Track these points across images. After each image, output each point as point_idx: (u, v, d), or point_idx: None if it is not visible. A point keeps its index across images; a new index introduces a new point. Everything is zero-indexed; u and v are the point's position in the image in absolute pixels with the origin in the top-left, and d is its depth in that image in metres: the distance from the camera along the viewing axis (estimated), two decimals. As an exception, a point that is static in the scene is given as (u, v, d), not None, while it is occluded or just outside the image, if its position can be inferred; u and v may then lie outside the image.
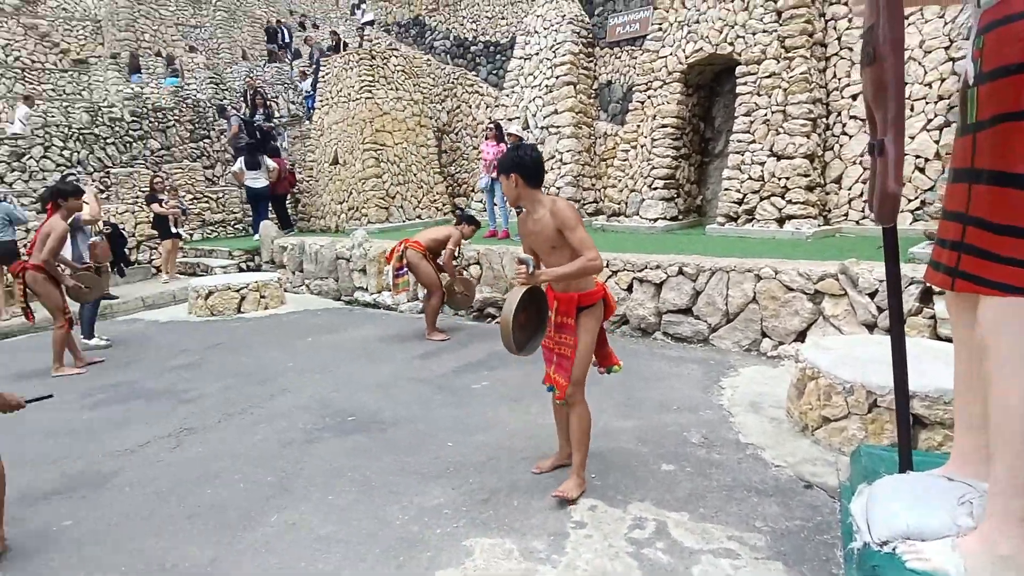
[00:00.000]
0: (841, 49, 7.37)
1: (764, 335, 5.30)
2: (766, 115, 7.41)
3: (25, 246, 7.81)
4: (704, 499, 2.98)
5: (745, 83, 7.66)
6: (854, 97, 7.16)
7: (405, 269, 6.32)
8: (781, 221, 7.21)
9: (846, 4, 7.26)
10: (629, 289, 6.13)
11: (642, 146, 8.99)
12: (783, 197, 7.20)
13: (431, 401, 4.58)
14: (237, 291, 8.36)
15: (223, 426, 4.30)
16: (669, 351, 5.54)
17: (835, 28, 7.42)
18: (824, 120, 7.37)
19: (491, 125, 9.52)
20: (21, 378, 5.72)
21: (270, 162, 11.55)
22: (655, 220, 8.61)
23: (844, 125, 7.30)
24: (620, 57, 10.40)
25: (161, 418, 4.52)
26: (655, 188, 8.70)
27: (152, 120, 14.56)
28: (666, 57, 8.76)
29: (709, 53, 8.15)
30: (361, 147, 11.24)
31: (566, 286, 2.99)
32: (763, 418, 3.91)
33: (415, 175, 11.78)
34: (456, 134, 13.08)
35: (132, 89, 17.13)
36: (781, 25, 7.37)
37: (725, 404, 4.18)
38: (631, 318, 6.08)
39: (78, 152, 13.27)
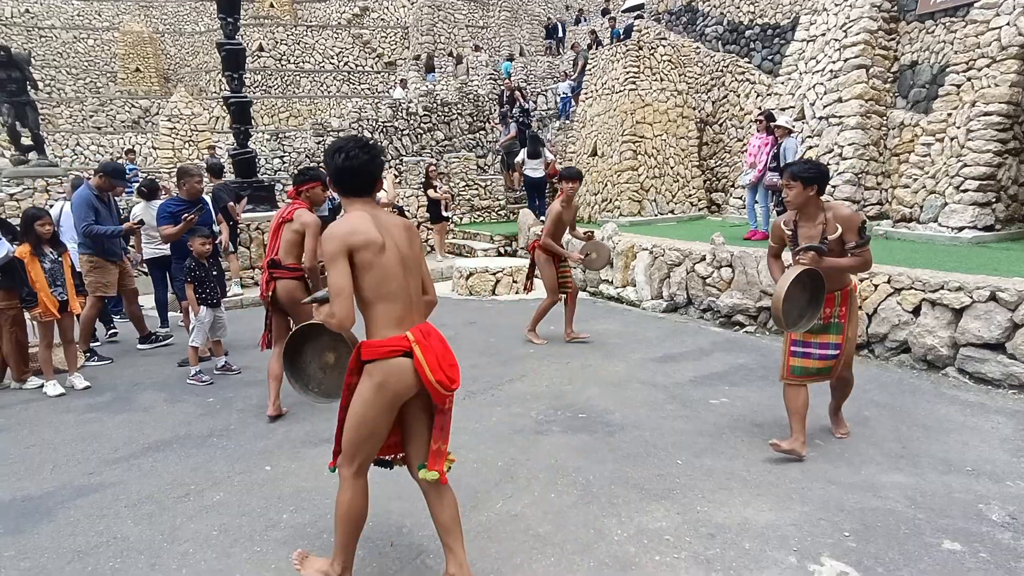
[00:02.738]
0: None
1: (1116, 392, 4.05)
2: None
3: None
4: (1000, 599, 2.36)
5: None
6: None
7: None
8: None
9: None
10: (916, 312, 5.15)
11: (952, 138, 7.48)
12: None
13: (662, 410, 4.38)
14: (493, 274, 8.98)
15: (467, 403, 4.63)
16: (964, 394, 4.53)
17: None
18: None
19: (760, 116, 8.77)
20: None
21: (548, 154, 12.15)
22: (959, 229, 7.13)
23: None
24: (932, 32, 8.76)
25: (417, 387, 5.02)
26: (965, 190, 7.18)
27: (439, 114, 16.37)
28: (999, 28, 7.13)
29: (1065, 21, 6.44)
30: (620, 139, 11.22)
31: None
32: (1104, 506, 2.97)
33: (672, 168, 11.41)
34: (720, 125, 12.34)
35: (427, 87, 19.45)
36: None
37: (1045, 477, 3.28)
38: (914, 346, 5.11)
39: (381, 142, 15.54)
